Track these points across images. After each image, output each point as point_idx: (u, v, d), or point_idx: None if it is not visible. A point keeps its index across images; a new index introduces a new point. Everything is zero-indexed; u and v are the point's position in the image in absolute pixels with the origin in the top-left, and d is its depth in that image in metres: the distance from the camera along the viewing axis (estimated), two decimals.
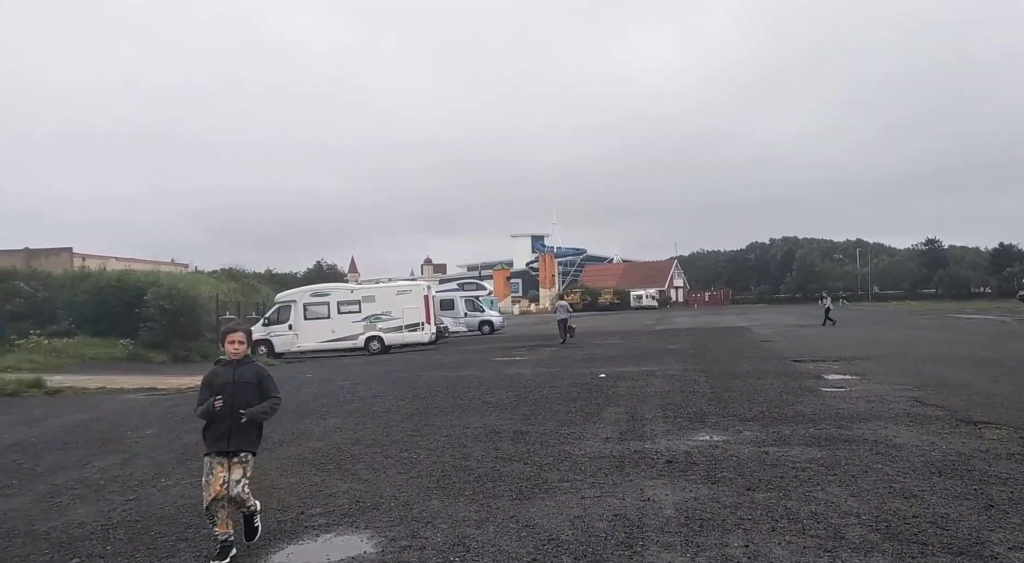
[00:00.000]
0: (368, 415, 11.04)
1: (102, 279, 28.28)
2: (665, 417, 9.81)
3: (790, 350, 20.97)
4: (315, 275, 51.39)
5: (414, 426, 9.82)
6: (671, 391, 12.49)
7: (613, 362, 19.00)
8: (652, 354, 21.22)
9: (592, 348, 25.19)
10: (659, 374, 15.45)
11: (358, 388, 15.12)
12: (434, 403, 12.07)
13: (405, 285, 31.01)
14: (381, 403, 12.39)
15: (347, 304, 29.46)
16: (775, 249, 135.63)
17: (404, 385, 15.25)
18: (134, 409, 13.19)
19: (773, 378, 13.84)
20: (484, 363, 20.70)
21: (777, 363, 16.98)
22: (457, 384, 14.97)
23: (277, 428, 10.02)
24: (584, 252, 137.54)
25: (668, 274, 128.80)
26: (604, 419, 9.84)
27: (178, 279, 34.73)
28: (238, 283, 41.40)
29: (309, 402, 12.95)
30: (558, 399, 12.06)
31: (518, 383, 14.80)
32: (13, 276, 29.53)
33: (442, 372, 18.21)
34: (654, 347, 24.35)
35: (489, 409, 11.18)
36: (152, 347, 26.39)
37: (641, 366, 17.56)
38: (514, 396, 12.63)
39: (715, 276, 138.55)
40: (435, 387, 14.55)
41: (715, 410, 10.23)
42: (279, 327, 29.12)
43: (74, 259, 66.45)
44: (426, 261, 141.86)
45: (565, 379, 15.20)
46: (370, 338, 29.22)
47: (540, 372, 17.12)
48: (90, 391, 16.43)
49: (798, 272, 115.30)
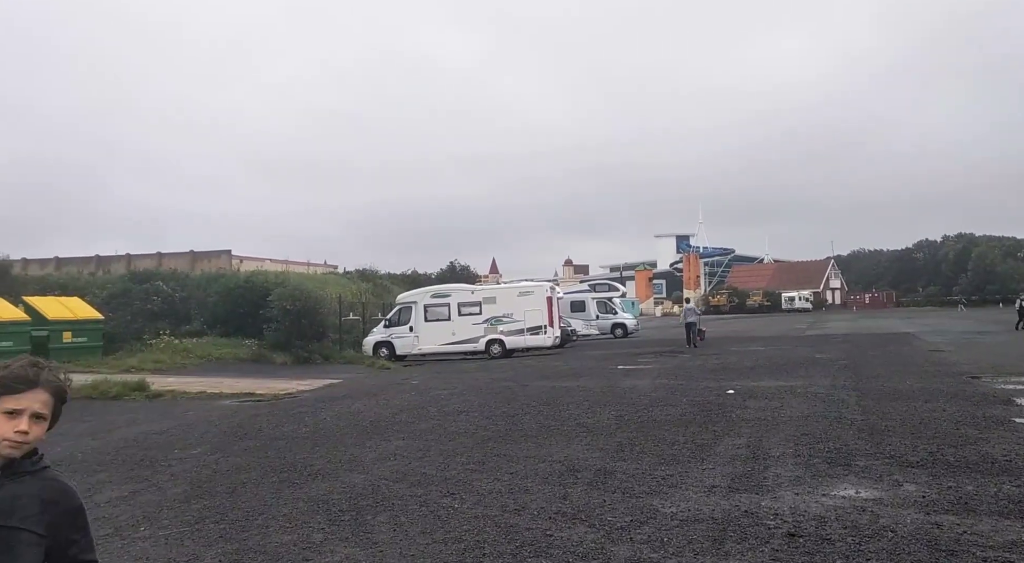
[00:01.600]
0: (439, 437, 9.54)
1: (231, 280, 28.72)
2: (797, 455, 7.65)
3: (967, 363, 17.69)
4: (448, 276, 51.10)
5: (482, 456, 8.20)
6: (811, 416, 10.18)
7: (747, 374, 16.60)
8: (796, 365, 18.56)
9: (728, 356, 22.66)
10: (800, 391, 13.04)
11: (451, 400, 13.71)
12: (521, 424, 10.41)
13: (527, 286, 29.60)
14: (463, 422, 10.88)
15: (468, 305, 28.38)
16: (947, 247, 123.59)
17: (501, 398, 13.69)
18: (212, 419, 12.41)
19: (946, 401, 11.15)
20: (601, 372, 18.82)
21: (951, 380, 14.05)
22: (559, 398, 13.24)
23: (327, 452, 8.70)
24: (732, 252, 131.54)
25: (824, 274, 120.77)
26: (717, 455, 7.82)
27: (307, 280, 35.10)
28: (370, 284, 41.52)
29: (388, 417, 11.65)
30: (669, 423, 10.08)
31: (629, 399, 12.87)
32: (153, 276, 30.63)
33: (551, 382, 16.53)
34: (800, 356, 21.52)
35: (581, 434, 9.38)
36: (276, 348, 26.37)
37: (780, 380, 15.11)
38: (617, 417, 10.75)
39: (877, 277, 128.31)
40: (533, 402, 12.88)
41: (866, 447, 7.94)
42: (400, 328, 28.47)
43: (232, 261, 70.33)
44: (566, 262, 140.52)
45: (686, 395, 13.11)
46: (491, 341, 27.98)
47: (660, 385, 15.07)
48: (189, 395, 16.03)
49: (974, 272, 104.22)
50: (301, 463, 8.11)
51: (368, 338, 28.86)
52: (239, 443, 9.60)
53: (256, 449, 9.10)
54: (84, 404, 15.02)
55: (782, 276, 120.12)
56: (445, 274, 52.69)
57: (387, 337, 28.46)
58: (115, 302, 28.69)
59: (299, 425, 11.06)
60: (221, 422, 11.81)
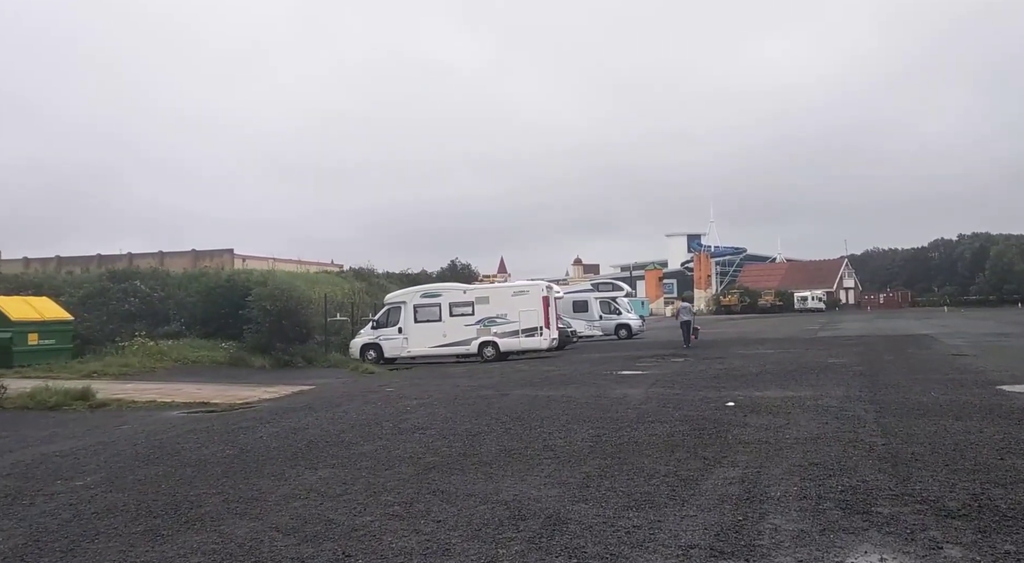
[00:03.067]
0: (376, 465, 8.04)
1: (212, 279, 27.37)
2: (803, 496, 6.10)
3: (995, 369, 16.04)
4: (448, 275, 49.60)
5: (414, 493, 6.69)
6: (821, 438, 8.61)
7: (752, 382, 15.01)
8: (806, 371, 16.95)
9: (733, 360, 21.05)
10: (809, 404, 11.46)
11: (415, 413, 12.21)
12: (479, 447, 8.89)
13: (522, 285, 28.04)
14: (414, 442, 9.37)
15: (460, 306, 26.87)
16: (963, 246, 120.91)
17: (471, 411, 12.17)
18: (139, 435, 10.96)
19: (980, 419, 9.55)
20: (593, 378, 17.28)
21: (981, 392, 12.42)
22: (536, 412, 11.70)
23: (232, 485, 7.22)
24: (744, 251, 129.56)
25: (837, 274, 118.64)
26: (703, 494, 6.28)
27: (297, 278, 33.74)
28: (366, 283, 40.15)
29: (333, 435, 10.16)
30: (652, 446, 8.54)
31: (614, 413, 11.33)
32: (132, 275, 29.32)
33: (535, 390, 15.00)
34: (811, 361, 19.89)
35: (545, 461, 7.86)
36: (255, 351, 24.99)
37: (787, 389, 13.52)
38: (593, 438, 9.20)
39: (891, 276, 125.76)
40: (504, 416, 11.35)
41: (890, 484, 6.38)
42: (388, 330, 26.99)
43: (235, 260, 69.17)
44: (575, 261, 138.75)
45: (679, 408, 11.55)
46: (484, 343, 26.46)
47: (653, 395, 13.52)
48: (136, 405, 14.60)
49: (992, 272, 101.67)
50: (189, 502, 6.62)
51: (355, 340, 27.42)
52: (139, 471, 8.12)
53: (151, 480, 7.62)
54: (16, 415, 13.65)
55: (795, 275, 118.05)
56: (445, 273, 51.19)
57: (375, 339, 27.02)
58: (91, 302, 27.44)
59: (227, 445, 9.58)
60: (144, 440, 10.34)
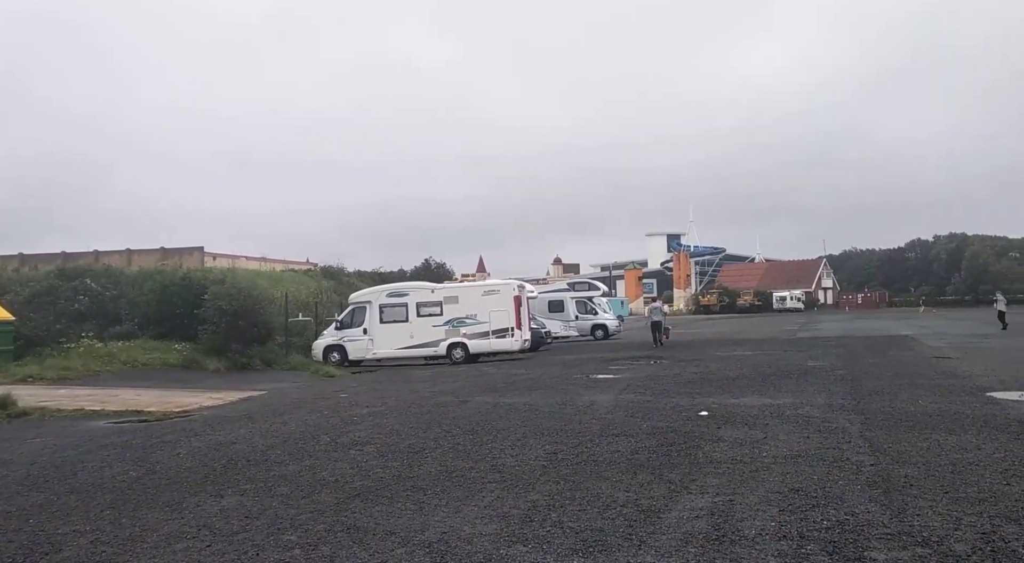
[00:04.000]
0: (294, 491, 7.00)
1: (167, 277, 26.06)
2: (782, 535, 5.14)
3: (982, 374, 15.25)
4: (423, 274, 48.50)
5: (324, 530, 5.66)
6: (803, 457, 7.67)
7: (728, 387, 14.10)
8: (786, 375, 16.07)
9: (709, 362, 20.17)
10: (789, 414, 10.54)
11: (361, 424, 11.16)
12: (419, 467, 7.87)
13: (493, 284, 27.06)
14: (347, 461, 8.33)
15: (427, 306, 25.82)
16: (939, 247, 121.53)
17: (422, 422, 11.14)
18: (44, 452, 9.84)
19: (976, 432, 8.67)
20: (562, 383, 16.31)
21: (971, 400, 11.57)
22: (492, 423, 10.69)
23: (111, 518, 6.16)
24: (723, 251, 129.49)
25: (815, 274, 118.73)
26: (665, 531, 5.30)
27: (260, 277, 32.52)
28: (334, 281, 38.93)
29: (260, 452, 9.09)
30: (614, 465, 7.56)
31: (578, 423, 10.35)
32: (86, 273, 27.96)
33: (497, 397, 13.99)
34: (790, 363, 19.05)
35: (489, 486, 6.85)
36: (210, 352, 23.77)
37: (765, 396, 12.62)
38: (549, 455, 8.21)
39: (869, 276, 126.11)
40: (457, 428, 10.33)
41: (883, 518, 5.44)
42: (353, 331, 25.89)
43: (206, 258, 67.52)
44: (555, 260, 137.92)
45: (649, 418, 10.59)
46: (453, 345, 25.43)
47: (623, 402, 12.56)
48: (63, 413, 13.41)
49: (968, 272, 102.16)
50: (50, 544, 5.53)
51: (318, 341, 26.29)
52: (15, 499, 7.02)
53: (21, 513, 6.52)
54: None
55: (773, 275, 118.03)
56: (420, 272, 50.09)
57: (338, 340, 25.90)
58: (38, 301, 26.03)
59: (134, 465, 8.48)
60: (47, 458, 9.21)
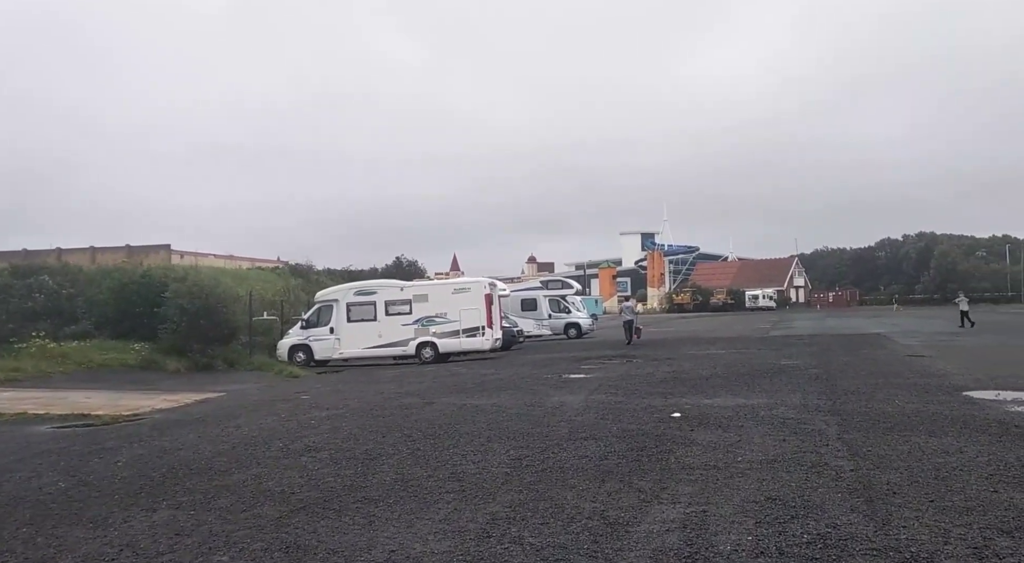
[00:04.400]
0: (236, 504, 6.46)
1: (126, 274, 25.23)
2: (759, 551, 4.71)
3: (957, 372, 15.06)
4: (394, 272, 47.82)
5: (260, 550, 5.14)
6: (779, 461, 7.28)
7: (701, 387, 13.74)
8: (760, 374, 15.76)
9: (682, 361, 19.84)
10: (764, 415, 10.18)
11: (318, 429, 10.62)
12: (373, 475, 7.36)
13: (463, 282, 26.56)
14: (296, 470, 7.80)
15: (396, 304, 25.24)
16: (908, 246, 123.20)
17: (383, 425, 10.62)
18: None
19: (956, 434, 8.34)
20: (532, 383, 15.86)
21: (948, 399, 11.30)
22: (456, 426, 10.21)
23: (42, 531, 5.59)
24: (697, 250, 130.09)
25: (788, 273, 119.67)
26: (633, 548, 4.86)
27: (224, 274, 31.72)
28: (303, 279, 38.16)
29: (205, 459, 8.53)
30: (582, 471, 7.12)
31: (546, 426, 9.90)
32: (42, 270, 27.02)
33: (464, 398, 13.50)
34: (763, 362, 18.77)
35: (446, 497, 6.37)
36: (171, 352, 23.01)
37: (739, 396, 12.26)
38: (513, 461, 7.75)
39: (840, 275, 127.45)
40: (418, 432, 9.83)
41: (866, 530, 5.05)
42: (319, 330, 25.24)
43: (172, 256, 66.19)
44: (529, 259, 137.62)
45: (620, 420, 10.17)
46: (422, 344, 24.88)
47: (593, 403, 12.14)
48: (3, 418, 12.71)
49: (937, 271, 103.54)
50: None
51: (283, 341, 25.60)
52: None
53: None
54: None
55: (747, 274, 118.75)
56: (391, 270, 49.40)
57: (304, 340, 25.25)
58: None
59: (66, 475, 7.88)
60: None
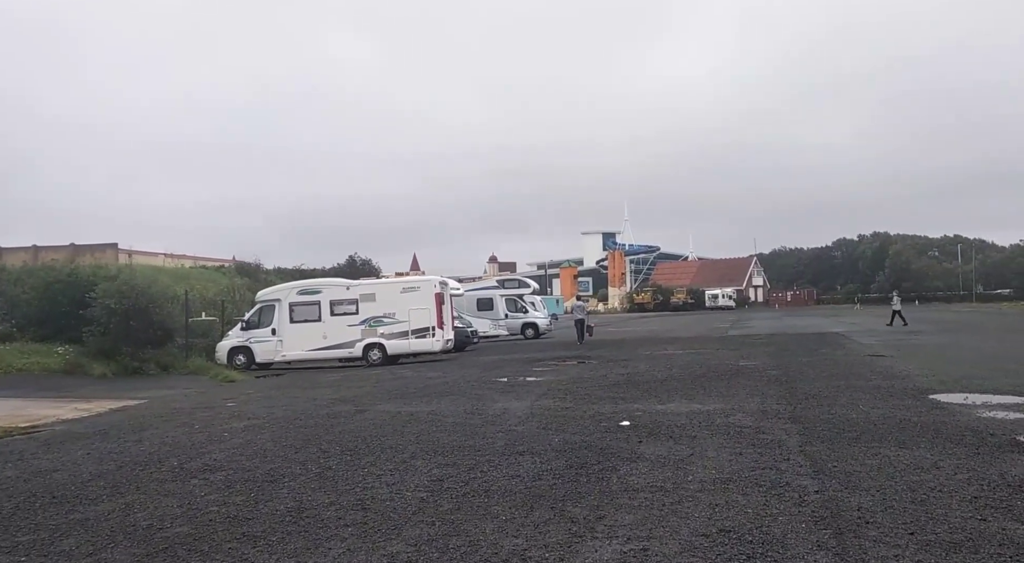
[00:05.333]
0: (83, 544, 5.39)
1: (50, 273, 23.66)
2: None
3: (920, 373, 14.43)
4: (346, 271, 46.47)
5: None
6: (734, 480, 6.40)
7: (655, 391, 12.89)
8: (716, 376, 14.99)
9: (638, 362, 19.04)
10: (720, 423, 9.33)
11: (229, 442, 9.51)
12: (266, 503, 6.32)
13: (412, 281, 25.46)
14: (177, 497, 6.73)
15: (342, 304, 24.05)
16: (864, 246, 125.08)
17: (300, 438, 9.55)
18: None
19: (929, 444, 7.56)
20: (478, 387, 14.88)
21: (915, 404, 10.58)
22: (382, 439, 9.18)
23: None
24: (657, 249, 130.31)
25: (747, 272, 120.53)
26: None
27: (162, 273, 30.20)
28: (250, 279, 36.68)
29: (78, 484, 7.39)
30: (509, 496, 6.16)
31: (482, 438, 8.93)
32: None
33: (400, 406, 12.47)
34: (721, 363, 18.04)
35: (343, 531, 5.36)
36: (99, 356, 21.57)
37: (694, 402, 11.42)
38: (435, 482, 6.76)
39: (798, 275, 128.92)
40: (336, 447, 8.78)
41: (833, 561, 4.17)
42: (261, 331, 23.95)
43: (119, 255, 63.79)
44: (491, 259, 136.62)
45: (564, 429, 9.25)
46: (369, 346, 23.73)
47: (539, 409, 11.20)
48: None
49: (891, 270, 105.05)
50: None
51: (222, 343, 24.23)
52: None
53: None
54: None
55: (706, 273, 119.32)
56: (344, 269, 48.07)
57: (244, 342, 23.92)
58: None
59: None
60: None
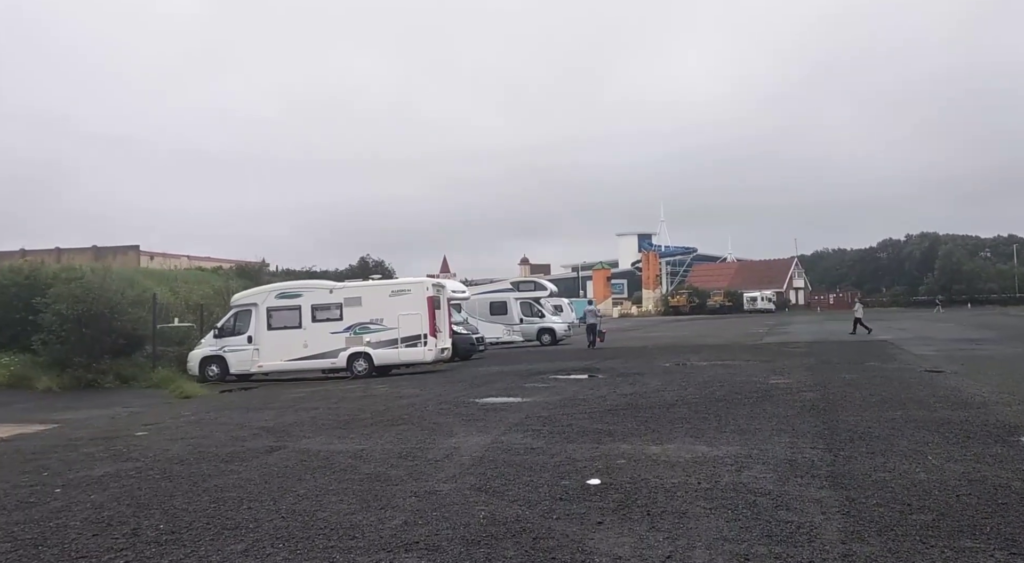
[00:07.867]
0: None
1: (7, 276, 21.63)
2: None
3: (995, 398, 11.48)
4: (357, 273, 44.10)
5: None
6: None
7: (657, 421, 10.14)
8: (738, 399, 12.17)
9: (650, 378, 16.24)
10: (727, 484, 6.58)
11: (27, 512, 7.04)
12: None
13: (402, 283, 22.80)
14: None
15: (324, 309, 21.61)
16: (911, 246, 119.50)
17: (139, 503, 7.02)
18: None
19: None
20: (442, 413, 12.26)
21: (1002, 449, 7.71)
22: (255, 500, 6.61)
23: None
24: (694, 251, 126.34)
25: (787, 274, 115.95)
26: None
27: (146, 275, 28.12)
28: (250, 281, 34.48)
29: None
30: None
31: (387, 503, 6.31)
32: None
33: (326, 442, 9.89)
34: (748, 380, 15.17)
35: None
36: (52, 366, 19.47)
37: (701, 441, 8.66)
38: None
39: (841, 276, 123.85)
40: (163, 526, 6.24)
41: None
42: (235, 339, 21.56)
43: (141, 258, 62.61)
44: (523, 261, 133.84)
45: (507, 489, 6.58)
46: (354, 355, 21.24)
47: (496, 450, 8.55)
48: None
49: (941, 271, 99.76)
50: None
51: (194, 351, 21.86)
52: None
53: None
54: None
55: (745, 275, 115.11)
56: (355, 271, 45.77)
57: (218, 350, 21.56)
58: None
59: None
60: None
